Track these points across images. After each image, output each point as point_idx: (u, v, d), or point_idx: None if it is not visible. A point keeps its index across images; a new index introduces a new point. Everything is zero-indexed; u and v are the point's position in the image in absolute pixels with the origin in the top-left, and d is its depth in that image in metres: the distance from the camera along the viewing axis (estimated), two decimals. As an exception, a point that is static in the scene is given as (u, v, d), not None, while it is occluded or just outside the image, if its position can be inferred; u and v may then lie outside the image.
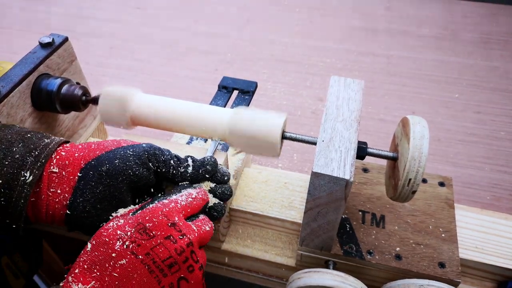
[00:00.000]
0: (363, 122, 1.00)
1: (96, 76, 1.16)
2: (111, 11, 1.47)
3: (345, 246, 0.53)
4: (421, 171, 0.42)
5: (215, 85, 0.68)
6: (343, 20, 1.40)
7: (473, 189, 0.86)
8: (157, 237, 0.35)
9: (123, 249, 0.34)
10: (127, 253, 0.34)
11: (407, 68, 1.19)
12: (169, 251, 0.35)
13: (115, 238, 0.35)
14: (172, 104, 0.51)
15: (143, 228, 0.35)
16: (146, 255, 0.34)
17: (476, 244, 0.57)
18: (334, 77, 0.53)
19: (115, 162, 0.40)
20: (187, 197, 0.40)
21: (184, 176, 0.42)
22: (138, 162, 0.41)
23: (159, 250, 0.35)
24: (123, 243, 0.34)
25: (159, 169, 0.42)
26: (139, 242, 0.35)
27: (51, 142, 0.42)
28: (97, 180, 0.40)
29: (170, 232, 0.36)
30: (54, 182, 0.40)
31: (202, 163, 0.43)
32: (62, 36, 0.60)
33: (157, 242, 0.35)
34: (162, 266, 0.34)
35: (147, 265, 0.34)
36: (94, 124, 0.72)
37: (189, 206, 0.39)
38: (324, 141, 0.45)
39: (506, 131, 0.99)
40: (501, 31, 1.33)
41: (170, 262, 0.35)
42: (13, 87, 0.52)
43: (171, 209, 0.37)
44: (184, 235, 0.36)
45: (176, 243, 0.35)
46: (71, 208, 0.40)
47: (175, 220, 0.37)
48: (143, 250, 0.34)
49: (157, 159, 0.42)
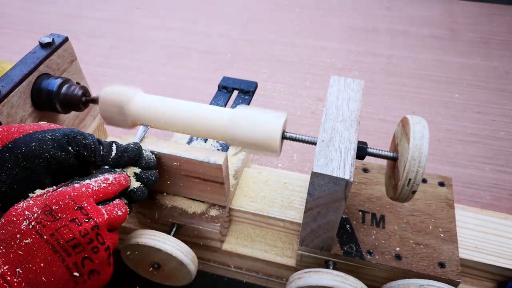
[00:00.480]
0: (363, 122, 1.00)
1: (96, 76, 1.16)
2: (111, 11, 1.47)
3: (345, 246, 0.53)
4: (421, 171, 0.42)
5: (215, 85, 0.68)
6: (343, 20, 1.40)
7: (473, 189, 0.86)
8: (62, 219, 0.37)
9: (28, 229, 0.36)
10: (32, 233, 0.36)
11: (407, 68, 1.19)
12: (73, 233, 0.37)
13: (22, 217, 0.37)
14: (172, 104, 0.51)
15: (49, 210, 0.37)
16: (51, 236, 0.36)
17: (476, 244, 0.57)
18: (334, 77, 0.53)
19: (31, 145, 0.42)
20: (102, 182, 0.42)
21: (106, 161, 0.44)
22: (56, 145, 0.42)
23: (64, 231, 0.36)
24: (29, 223, 0.36)
25: (80, 152, 0.44)
26: (45, 223, 0.36)
27: None
28: (14, 162, 0.41)
29: (76, 215, 0.38)
30: None
31: (126, 149, 0.45)
32: (62, 36, 0.60)
33: (62, 224, 0.37)
34: (66, 247, 0.36)
35: (51, 245, 0.36)
36: (94, 124, 0.72)
37: (102, 191, 0.41)
38: (324, 141, 0.45)
39: (506, 131, 0.99)
40: (502, 31, 1.33)
41: (74, 243, 0.37)
42: (13, 87, 0.52)
43: (80, 193, 0.39)
44: (90, 218, 0.38)
45: (81, 226, 0.37)
46: None
47: (83, 204, 0.38)
48: (48, 230, 0.36)
49: (77, 143, 0.44)
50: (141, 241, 0.51)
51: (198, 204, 0.57)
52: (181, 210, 0.56)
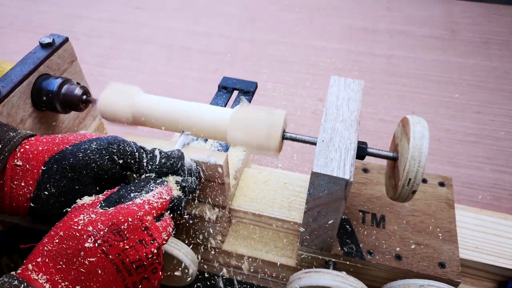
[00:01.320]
0: (363, 122, 1.00)
1: (96, 76, 1.16)
2: (111, 11, 1.47)
3: (345, 246, 0.53)
4: (421, 171, 0.42)
5: (215, 85, 0.68)
6: (343, 20, 1.40)
7: (473, 189, 0.86)
8: (130, 239, 0.36)
9: (94, 247, 0.35)
10: (97, 251, 0.35)
11: (407, 68, 1.19)
12: (140, 254, 0.36)
13: (86, 234, 0.35)
14: (173, 104, 0.51)
15: (117, 229, 0.36)
16: (117, 256, 0.35)
17: (476, 244, 0.57)
18: (334, 77, 0.53)
19: (79, 156, 0.41)
20: (158, 198, 0.40)
21: (150, 169, 0.43)
22: (102, 155, 0.41)
23: (130, 252, 0.36)
24: (95, 241, 0.35)
25: (124, 161, 0.43)
26: (112, 242, 0.35)
27: (16, 135, 0.42)
28: (61, 174, 0.40)
29: (143, 236, 0.37)
30: (18, 175, 0.41)
31: (168, 157, 0.44)
32: (62, 36, 0.60)
33: (129, 245, 0.36)
34: (130, 267, 0.36)
35: (115, 265, 0.35)
36: (94, 124, 0.72)
37: (160, 207, 0.40)
38: (324, 141, 0.45)
39: (506, 131, 0.99)
40: (501, 31, 1.33)
41: (139, 264, 0.36)
42: (13, 87, 0.52)
43: (145, 212, 0.38)
44: (155, 239, 0.37)
45: (147, 248, 0.37)
46: (35, 201, 0.41)
47: (147, 224, 0.38)
48: (115, 250, 0.35)
49: (122, 152, 0.42)
50: (141, 241, 0.51)
51: (199, 204, 0.57)
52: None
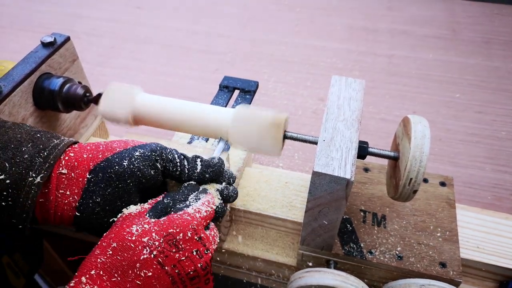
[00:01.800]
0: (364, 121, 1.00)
1: (96, 76, 1.16)
2: (112, 11, 1.47)
3: (346, 246, 0.53)
4: (422, 170, 0.41)
5: (216, 84, 0.68)
6: (344, 20, 1.40)
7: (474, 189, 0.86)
8: (185, 250, 0.35)
9: (150, 258, 0.34)
10: (153, 263, 0.34)
11: (408, 68, 1.19)
12: (195, 265, 0.36)
13: (141, 245, 0.34)
14: (174, 104, 0.51)
15: (173, 239, 0.35)
16: (173, 267, 0.35)
17: (477, 244, 0.57)
18: (335, 77, 0.53)
19: (123, 164, 0.40)
20: (207, 207, 0.40)
21: (191, 176, 0.42)
22: (146, 163, 0.40)
23: (186, 263, 0.35)
24: (151, 252, 0.34)
25: (166, 168, 0.42)
26: (167, 253, 0.35)
27: (60, 143, 0.41)
28: (107, 182, 0.40)
29: (198, 247, 0.36)
30: (63, 184, 0.40)
31: (209, 164, 0.43)
32: (64, 35, 0.60)
33: (185, 256, 0.35)
34: (185, 279, 0.35)
35: (171, 276, 0.34)
36: (96, 123, 0.72)
37: (208, 217, 0.39)
38: (325, 141, 0.45)
39: (507, 131, 0.99)
40: (503, 31, 1.32)
41: (194, 276, 0.36)
42: (15, 86, 0.52)
43: (198, 222, 0.37)
44: (208, 249, 0.37)
45: (202, 258, 0.36)
46: (80, 209, 0.40)
47: (201, 234, 0.37)
48: (170, 261, 0.35)
49: (164, 159, 0.42)
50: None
51: (199, 204, 0.57)
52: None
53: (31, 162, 0.39)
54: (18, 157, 0.39)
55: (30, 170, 0.38)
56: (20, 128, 0.42)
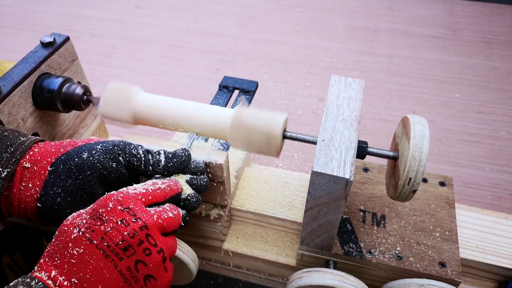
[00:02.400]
0: (364, 121, 1.00)
1: (96, 76, 1.16)
2: (112, 11, 1.47)
3: (346, 246, 0.53)
4: (421, 170, 0.42)
5: (216, 84, 0.68)
6: (344, 19, 1.40)
7: (474, 189, 0.86)
8: (110, 221, 0.36)
9: (79, 235, 0.35)
10: (82, 240, 0.35)
11: (408, 68, 1.19)
12: (122, 234, 0.36)
13: (73, 225, 0.36)
14: (173, 104, 0.51)
15: (97, 213, 0.37)
16: (101, 240, 0.35)
17: (477, 243, 0.57)
18: (335, 77, 0.53)
19: (83, 156, 0.42)
20: (149, 186, 0.41)
21: (156, 169, 0.44)
22: (106, 156, 0.42)
23: (112, 234, 0.36)
24: (79, 230, 0.36)
25: (130, 162, 0.44)
26: (93, 227, 0.36)
27: (27, 140, 0.44)
28: (67, 173, 0.41)
29: (123, 216, 0.37)
30: (26, 177, 0.42)
31: (174, 156, 0.45)
32: (63, 35, 0.60)
33: (110, 226, 0.36)
34: (116, 250, 0.35)
35: (102, 250, 0.35)
36: (95, 123, 0.72)
37: (150, 193, 0.40)
38: (324, 141, 0.45)
39: (507, 131, 0.99)
40: (503, 31, 1.32)
41: (124, 246, 0.36)
42: (14, 86, 0.52)
43: (127, 195, 0.38)
44: (138, 218, 0.37)
45: (129, 226, 0.36)
46: (42, 201, 0.42)
47: (129, 205, 0.38)
48: (97, 235, 0.35)
49: (127, 153, 0.43)
50: (142, 240, 0.51)
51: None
52: (181, 210, 0.56)
53: None
54: None
55: None
56: None
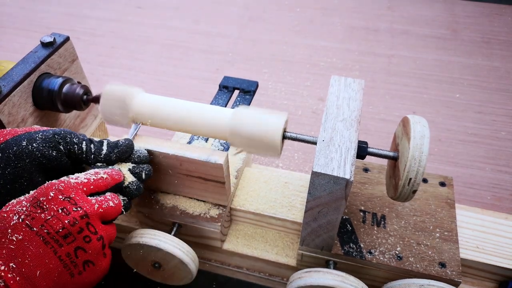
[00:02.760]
0: (364, 121, 1.00)
1: (96, 76, 1.16)
2: (112, 11, 1.47)
3: (346, 246, 0.53)
4: (421, 170, 0.42)
5: (216, 84, 0.68)
6: (344, 19, 1.40)
7: (474, 189, 0.86)
8: (50, 209, 0.37)
9: (19, 222, 0.36)
10: (22, 226, 0.36)
11: (408, 68, 1.19)
12: (62, 222, 0.37)
13: (12, 212, 0.37)
14: (173, 104, 0.51)
15: (37, 202, 0.37)
16: (41, 227, 0.36)
17: (477, 244, 0.57)
18: (335, 77, 0.53)
19: (22, 144, 0.42)
20: (91, 175, 0.42)
21: (98, 158, 0.45)
22: (46, 144, 0.43)
23: (53, 221, 0.36)
24: (19, 217, 0.36)
25: (71, 151, 0.44)
26: (33, 215, 0.37)
27: None
28: (6, 162, 0.42)
29: (64, 205, 0.37)
30: None
31: (116, 145, 0.46)
32: (63, 35, 0.60)
33: (50, 214, 0.37)
34: (56, 237, 0.36)
35: (41, 237, 0.36)
36: (95, 123, 0.72)
37: (91, 183, 0.41)
38: (324, 141, 0.45)
39: (507, 131, 0.99)
40: (503, 31, 1.32)
41: (64, 233, 0.37)
42: (14, 86, 0.52)
43: (68, 185, 0.39)
44: (79, 207, 0.38)
45: (69, 215, 0.37)
46: None
47: (71, 194, 0.38)
48: (37, 222, 0.36)
49: (68, 142, 0.44)
50: (142, 241, 0.51)
51: (199, 204, 0.57)
52: (182, 210, 0.56)
53: None
54: None
55: None
56: None
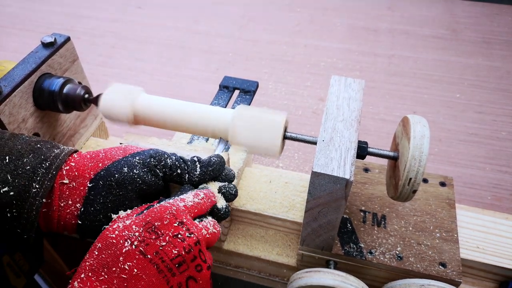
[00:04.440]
0: (364, 122, 1.00)
1: (97, 76, 1.16)
2: (112, 11, 1.47)
3: (346, 246, 0.53)
4: (421, 170, 0.42)
5: (216, 84, 0.68)
6: (345, 20, 1.40)
7: (474, 189, 0.86)
8: (165, 235, 0.35)
9: (131, 249, 0.34)
10: (135, 253, 0.34)
11: (409, 68, 1.19)
12: (178, 249, 0.35)
13: (123, 238, 0.34)
14: (174, 104, 0.51)
15: (151, 226, 0.35)
16: (155, 254, 0.34)
17: (477, 244, 0.57)
18: (335, 77, 0.53)
19: (124, 172, 0.40)
20: (194, 197, 0.40)
21: (192, 179, 0.42)
22: (145, 170, 0.41)
23: (168, 248, 0.34)
24: (132, 243, 0.34)
25: (166, 174, 0.42)
26: (148, 241, 0.34)
27: (61, 152, 0.42)
28: (107, 190, 0.40)
29: (178, 231, 0.36)
30: (65, 193, 0.40)
31: (209, 163, 0.43)
32: (64, 35, 0.60)
33: (166, 240, 0.35)
34: (171, 265, 0.34)
35: (155, 265, 0.34)
36: (95, 123, 0.72)
37: (196, 206, 0.39)
38: (324, 141, 0.45)
39: (507, 131, 0.99)
40: (503, 31, 1.32)
41: (179, 261, 0.35)
42: (15, 86, 0.52)
43: (179, 208, 0.37)
44: (192, 233, 0.36)
45: (185, 242, 0.35)
46: (82, 218, 0.40)
47: (183, 219, 0.37)
48: (152, 249, 0.34)
49: (163, 165, 0.42)
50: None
51: (199, 204, 0.57)
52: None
53: (34, 173, 0.39)
54: (20, 168, 0.39)
55: (33, 182, 0.38)
56: (19, 139, 0.42)
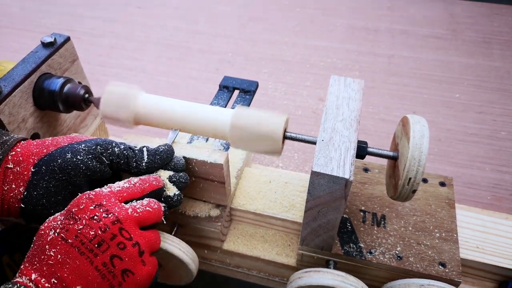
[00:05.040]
0: (364, 121, 1.00)
1: (97, 76, 1.16)
2: (112, 11, 1.47)
3: (346, 246, 0.53)
4: (421, 170, 0.42)
5: (216, 84, 0.68)
6: (344, 19, 1.40)
7: (474, 189, 0.86)
8: (82, 219, 0.37)
9: (54, 237, 0.36)
10: (58, 240, 0.36)
11: (408, 68, 1.19)
12: (94, 230, 0.36)
13: (48, 228, 0.37)
14: (174, 104, 0.51)
15: (70, 213, 0.37)
16: (75, 238, 0.36)
17: (477, 244, 0.57)
18: (334, 77, 0.53)
19: (67, 157, 0.42)
20: (124, 183, 0.41)
21: (140, 167, 0.44)
22: (90, 156, 0.42)
23: (85, 230, 0.36)
24: (54, 232, 0.36)
25: (113, 161, 0.44)
26: (67, 227, 0.36)
27: (9, 139, 0.44)
28: (50, 175, 0.42)
29: (94, 213, 0.37)
30: (9, 178, 0.42)
31: (157, 151, 0.45)
32: (64, 35, 0.60)
33: (83, 224, 0.36)
34: (91, 246, 0.36)
35: (77, 248, 0.36)
36: (95, 123, 0.72)
37: (124, 190, 0.40)
38: (324, 141, 0.45)
39: (507, 131, 0.99)
40: (503, 31, 1.32)
41: (98, 241, 0.36)
42: (15, 86, 0.52)
43: (99, 193, 0.39)
44: (110, 213, 0.37)
45: (100, 222, 0.37)
46: (25, 202, 0.42)
47: (102, 202, 0.38)
48: (71, 234, 0.36)
49: (110, 152, 0.44)
50: (142, 240, 0.51)
51: (199, 204, 0.57)
52: (182, 210, 0.56)
53: None
54: None
55: None
56: None
